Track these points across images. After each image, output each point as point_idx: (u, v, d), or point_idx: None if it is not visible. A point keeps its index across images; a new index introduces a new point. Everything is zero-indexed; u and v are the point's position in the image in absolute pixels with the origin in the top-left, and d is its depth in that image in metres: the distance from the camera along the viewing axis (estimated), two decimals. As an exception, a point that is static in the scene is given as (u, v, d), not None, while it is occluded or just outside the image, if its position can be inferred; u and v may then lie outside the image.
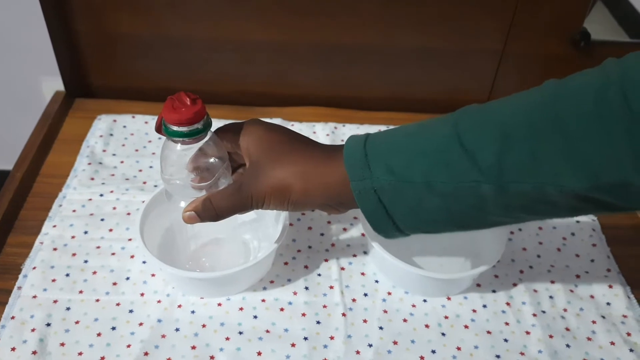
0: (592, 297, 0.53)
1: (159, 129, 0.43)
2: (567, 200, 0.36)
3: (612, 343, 0.49)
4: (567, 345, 0.49)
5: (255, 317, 0.49)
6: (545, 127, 0.35)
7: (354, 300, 0.51)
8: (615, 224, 0.60)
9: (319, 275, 0.53)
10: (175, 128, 0.41)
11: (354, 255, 0.55)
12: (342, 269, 0.54)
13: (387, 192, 0.39)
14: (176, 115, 0.40)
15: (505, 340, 0.49)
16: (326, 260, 0.54)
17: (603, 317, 0.51)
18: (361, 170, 0.40)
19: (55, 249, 0.53)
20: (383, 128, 0.71)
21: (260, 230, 0.55)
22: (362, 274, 0.53)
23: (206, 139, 0.42)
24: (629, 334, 0.50)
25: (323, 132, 0.69)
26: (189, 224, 0.44)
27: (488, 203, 0.38)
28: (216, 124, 0.71)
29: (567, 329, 0.50)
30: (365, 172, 0.40)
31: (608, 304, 0.52)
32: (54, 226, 0.55)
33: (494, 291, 0.52)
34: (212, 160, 0.44)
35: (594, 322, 0.51)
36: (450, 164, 0.38)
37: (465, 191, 0.38)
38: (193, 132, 0.41)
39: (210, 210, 0.43)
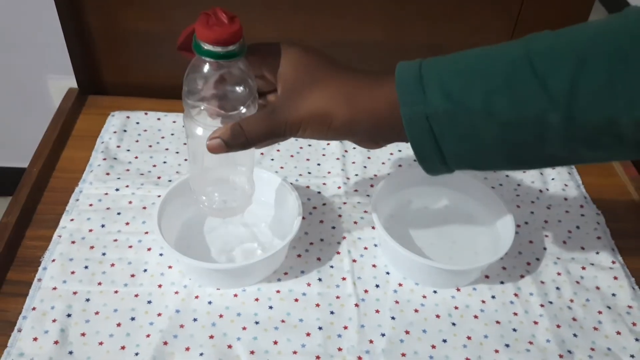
0: (597, 288, 0.54)
1: (181, 46, 0.39)
2: (637, 135, 0.34)
3: (618, 333, 0.50)
4: (575, 335, 0.50)
5: (270, 307, 0.50)
6: (626, 54, 0.33)
7: (366, 291, 0.52)
8: (619, 217, 0.62)
9: (332, 267, 0.54)
10: (208, 47, 0.37)
11: (365, 248, 0.56)
12: (354, 261, 0.55)
13: (441, 120, 0.36)
14: (212, 33, 0.36)
15: (514, 330, 0.50)
16: (338, 253, 0.55)
17: (609, 307, 0.52)
18: (414, 94, 0.36)
19: (73, 242, 0.54)
20: (390, 124, 0.72)
21: (274, 224, 0.56)
22: (374, 265, 0.55)
23: (239, 63, 0.39)
24: (634, 324, 0.51)
25: (332, 128, 0.70)
26: (215, 153, 0.40)
27: (551, 134, 0.35)
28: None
29: (574, 319, 0.51)
30: (418, 96, 0.36)
31: (613, 295, 0.54)
32: (72, 220, 0.56)
33: (502, 282, 0.54)
34: (240, 88, 0.40)
35: (600, 312, 0.52)
36: (517, 89, 0.35)
37: (529, 120, 0.35)
38: (229, 54, 0.37)
39: (240, 137, 0.39)
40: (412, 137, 0.38)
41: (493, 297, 0.52)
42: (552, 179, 0.66)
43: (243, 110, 0.41)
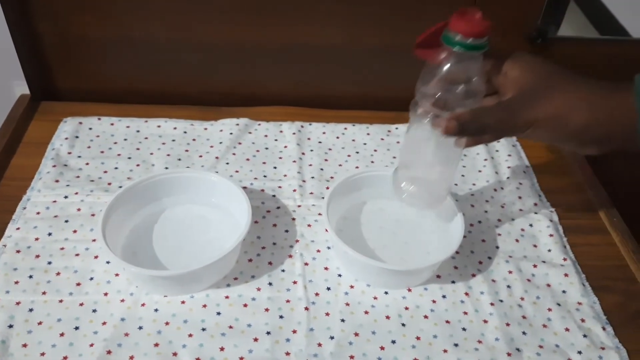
0: (548, 285, 0.54)
1: (421, 43, 0.43)
2: None
3: (567, 329, 0.51)
4: (524, 333, 0.50)
5: (218, 313, 0.49)
6: None
7: (317, 294, 0.52)
8: (572, 215, 0.62)
9: (283, 271, 0.54)
10: (461, 39, 0.41)
11: (318, 251, 0.56)
12: (306, 264, 0.54)
13: None
14: (469, 26, 0.40)
15: (464, 329, 0.50)
16: (290, 257, 0.55)
17: (559, 304, 0.53)
18: None
19: (18, 252, 0.53)
20: (350, 127, 0.72)
21: (227, 230, 0.56)
22: (326, 268, 0.54)
23: (478, 60, 0.42)
24: (583, 320, 0.52)
25: (289, 130, 0.70)
26: (448, 134, 0.43)
27: None
28: (183, 124, 0.71)
29: (524, 317, 0.51)
30: None
31: (564, 292, 0.54)
32: (18, 229, 0.55)
33: (453, 282, 0.54)
34: (475, 82, 0.43)
35: (549, 309, 0.52)
36: None
37: None
38: (480, 45, 0.41)
39: (477, 123, 0.43)
40: None
41: (444, 296, 0.52)
42: (507, 177, 0.66)
43: (473, 104, 0.44)
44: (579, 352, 0.49)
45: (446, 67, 0.43)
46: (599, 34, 0.74)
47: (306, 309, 0.50)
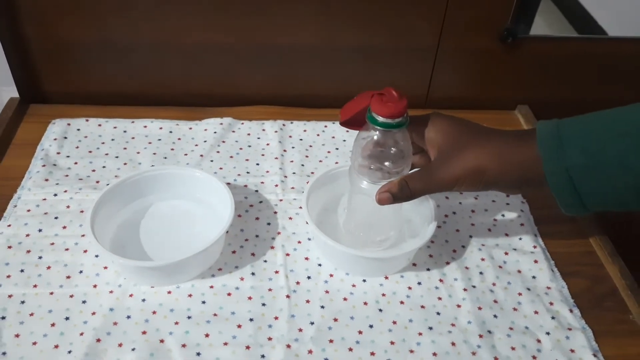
0: (519, 271, 0.57)
1: (347, 122, 0.50)
2: None
3: (536, 312, 0.53)
4: (495, 316, 0.53)
5: (203, 302, 0.52)
6: None
7: (297, 283, 0.54)
8: (542, 206, 0.65)
9: (265, 261, 0.56)
10: (383, 120, 0.47)
11: (299, 242, 0.58)
12: (287, 255, 0.57)
13: (579, 172, 0.43)
14: (388, 109, 0.46)
15: (438, 313, 0.52)
16: (272, 248, 0.57)
17: (528, 289, 0.55)
18: (555, 151, 0.44)
19: (9, 247, 0.55)
20: (330, 124, 0.75)
21: (212, 223, 0.58)
22: (306, 258, 0.57)
23: (402, 132, 0.48)
24: (551, 304, 0.54)
25: (272, 129, 0.73)
26: (383, 204, 0.49)
27: None
28: (169, 124, 0.73)
29: (495, 301, 0.54)
30: (559, 153, 0.44)
31: (534, 277, 0.57)
32: (9, 226, 0.57)
33: (428, 269, 0.56)
34: (402, 151, 0.49)
35: (520, 294, 0.55)
36: None
37: None
38: (399, 124, 0.47)
39: (406, 191, 0.48)
40: (554, 186, 0.45)
41: (419, 283, 0.55)
42: (482, 171, 0.69)
43: (403, 170, 0.50)
44: (547, 333, 0.51)
45: (375, 137, 0.49)
46: (577, 33, 0.76)
47: (287, 296, 0.53)
